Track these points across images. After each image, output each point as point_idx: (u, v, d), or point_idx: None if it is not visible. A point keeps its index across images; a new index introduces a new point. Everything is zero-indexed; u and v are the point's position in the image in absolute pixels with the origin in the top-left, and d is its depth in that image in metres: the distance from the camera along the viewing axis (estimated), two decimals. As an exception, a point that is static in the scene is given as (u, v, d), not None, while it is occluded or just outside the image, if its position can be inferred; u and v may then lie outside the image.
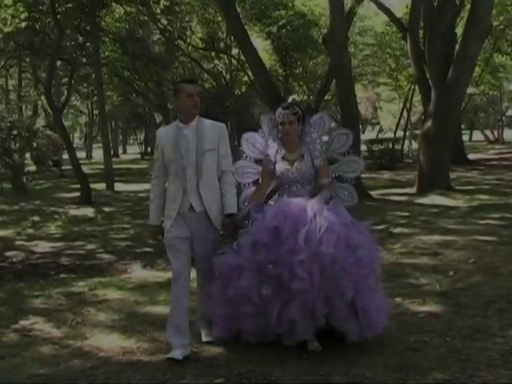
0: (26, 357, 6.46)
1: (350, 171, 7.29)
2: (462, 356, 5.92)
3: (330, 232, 6.05)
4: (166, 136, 6.57)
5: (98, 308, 8.33)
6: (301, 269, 5.91)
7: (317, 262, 5.95)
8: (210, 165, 6.48)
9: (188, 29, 34.37)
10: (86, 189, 23.05)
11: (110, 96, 44.76)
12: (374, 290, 6.40)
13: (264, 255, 6.15)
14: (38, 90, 36.55)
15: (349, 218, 6.52)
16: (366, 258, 6.22)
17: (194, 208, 6.43)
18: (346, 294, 5.99)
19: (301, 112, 6.88)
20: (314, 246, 5.98)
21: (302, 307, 6.00)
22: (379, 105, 64.57)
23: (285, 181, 6.86)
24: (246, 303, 6.22)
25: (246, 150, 7.44)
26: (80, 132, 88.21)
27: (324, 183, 6.88)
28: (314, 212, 6.23)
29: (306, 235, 6.03)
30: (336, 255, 5.96)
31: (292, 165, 6.80)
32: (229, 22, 23.87)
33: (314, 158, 6.84)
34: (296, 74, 40.08)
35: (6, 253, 13.23)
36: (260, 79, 22.28)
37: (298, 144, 6.92)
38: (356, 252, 6.15)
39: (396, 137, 41.09)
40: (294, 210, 6.33)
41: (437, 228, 13.70)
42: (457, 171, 26.70)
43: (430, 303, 7.83)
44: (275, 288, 6.07)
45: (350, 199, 7.26)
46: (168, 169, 6.54)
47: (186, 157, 6.39)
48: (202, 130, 6.48)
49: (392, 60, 40.19)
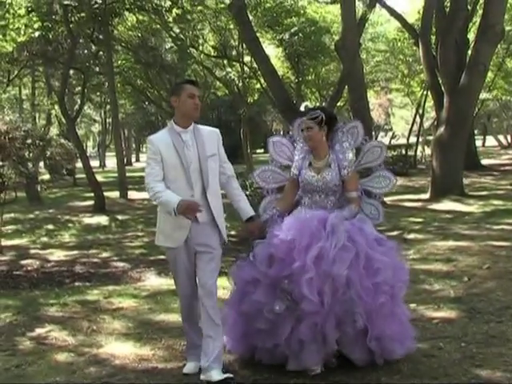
0: (42, 365, 6.48)
1: (379, 187, 6.74)
2: (477, 362, 5.91)
3: (345, 251, 5.68)
4: (164, 141, 6.03)
5: (113, 316, 8.35)
6: (308, 288, 5.56)
7: (328, 282, 5.61)
8: (214, 171, 6.12)
9: (200, 37, 34.37)
10: (99, 197, 23.16)
11: (122, 104, 44.87)
12: (391, 318, 5.92)
13: (278, 270, 5.78)
14: (51, 98, 36.64)
15: (374, 236, 6.03)
16: (385, 284, 5.77)
17: (197, 218, 5.90)
18: (357, 320, 5.64)
19: (323, 116, 6.31)
20: (326, 264, 5.61)
21: (311, 328, 5.69)
22: (392, 111, 64.43)
23: (308, 189, 6.39)
24: (260, 319, 5.89)
25: (272, 155, 6.93)
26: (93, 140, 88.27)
27: (352, 197, 6.36)
28: (332, 227, 5.83)
29: (319, 252, 5.66)
30: (351, 277, 5.62)
31: (318, 173, 6.34)
32: (241, 29, 23.93)
33: (342, 167, 6.33)
34: (308, 81, 40.07)
35: (21, 261, 13.31)
36: (272, 86, 22.27)
37: (327, 151, 6.43)
38: (375, 276, 5.74)
39: (409, 143, 40.99)
40: (311, 223, 5.90)
41: (451, 234, 13.68)
42: (470, 177, 26.65)
43: (445, 309, 7.82)
44: (289, 304, 5.73)
45: (376, 217, 6.67)
46: (168, 176, 5.98)
47: (188, 163, 5.95)
48: (200, 136, 6.10)
49: (404, 66, 40.08)
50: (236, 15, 21.76)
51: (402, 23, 28.71)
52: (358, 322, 5.65)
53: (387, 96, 54.46)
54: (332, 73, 40.30)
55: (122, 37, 31.12)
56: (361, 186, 6.64)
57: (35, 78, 39.23)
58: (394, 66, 41.02)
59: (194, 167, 5.96)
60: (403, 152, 35.91)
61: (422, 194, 21.62)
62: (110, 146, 62.63)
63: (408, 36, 31.54)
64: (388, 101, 57.38)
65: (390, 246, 6.07)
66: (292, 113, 6.98)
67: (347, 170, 6.34)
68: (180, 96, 6.05)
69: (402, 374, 5.66)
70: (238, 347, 6.29)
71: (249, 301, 5.96)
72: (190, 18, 29.75)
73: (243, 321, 6.12)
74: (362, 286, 5.64)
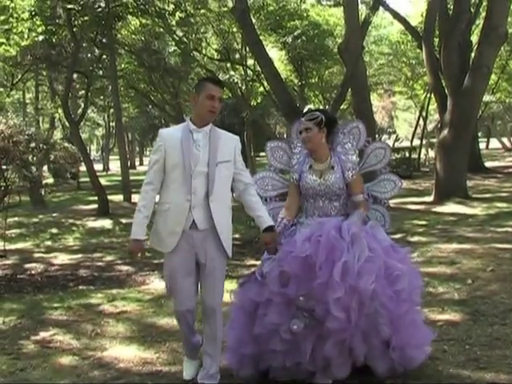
0: (46, 368, 6.49)
1: (384, 191, 6.42)
2: (481, 364, 5.91)
3: (370, 262, 5.34)
4: (172, 137, 5.69)
5: (117, 319, 8.37)
6: (337, 307, 5.19)
7: (355, 297, 5.24)
8: (223, 178, 5.67)
9: (203, 40, 34.38)
10: (103, 201, 23.19)
11: (126, 108, 44.92)
12: (413, 326, 5.68)
13: (295, 289, 5.38)
14: (54, 102, 36.74)
15: (388, 243, 5.72)
16: (405, 291, 5.50)
17: (196, 225, 5.59)
18: (382, 331, 5.42)
19: (323, 117, 5.99)
20: (351, 279, 5.23)
21: (338, 345, 5.39)
22: (395, 114, 64.44)
23: (310, 194, 6.05)
24: (275, 340, 5.52)
25: (270, 160, 6.58)
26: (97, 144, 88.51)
27: (359, 200, 6.03)
28: (351, 237, 5.45)
29: (343, 267, 5.26)
30: (375, 289, 5.29)
31: (320, 176, 6.01)
32: (244, 32, 23.92)
33: (346, 169, 6.00)
34: (311, 84, 40.07)
35: (25, 265, 13.33)
36: (276, 89, 22.25)
37: (328, 153, 6.09)
38: (395, 284, 5.45)
39: (412, 145, 41.00)
40: (328, 234, 5.44)
41: (454, 236, 13.67)
42: (474, 179, 26.66)
43: (449, 311, 7.81)
44: (308, 322, 5.36)
45: (382, 224, 6.31)
46: (168, 176, 5.66)
47: (193, 164, 5.55)
48: (216, 139, 5.69)
49: (408, 69, 40.11)
50: (239, 18, 21.76)
51: (405, 26, 28.68)
52: (384, 333, 5.44)
53: (390, 99, 54.47)
54: (335, 76, 40.29)
55: (125, 40, 31.14)
56: (365, 191, 6.32)
57: (39, 82, 39.32)
58: (398, 68, 41.04)
59: (200, 170, 5.56)
60: (407, 155, 35.92)
61: (425, 197, 21.60)
62: (113, 150, 62.66)
63: (411, 39, 31.62)
64: (391, 103, 57.38)
65: (404, 253, 5.82)
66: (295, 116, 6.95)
67: (351, 171, 6.02)
68: (199, 94, 5.68)
69: (405, 376, 5.64)
70: (246, 369, 5.82)
71: (261, 323, 5.58)
72: (193, 21, 29.80)
73: (252, 343, 5.74)
74: (384, 295, 5.38)
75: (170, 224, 5.61)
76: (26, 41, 22.57)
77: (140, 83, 36.11)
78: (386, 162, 6.43)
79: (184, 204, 5.54)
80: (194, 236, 5.59)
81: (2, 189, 11.86)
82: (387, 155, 6.44)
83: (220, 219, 5.61)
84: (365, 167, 6.41)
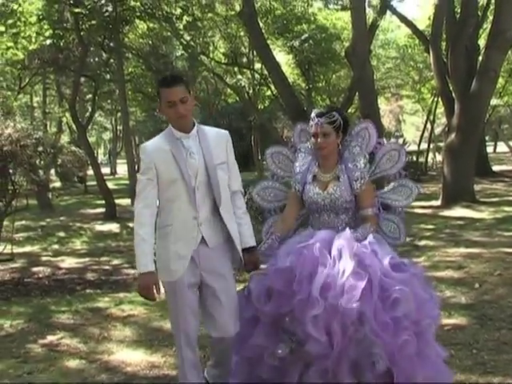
0: (53, 371, 6.52)
1: (399, 199, 5.70)
2: (488, 369, 5.91)
3: (356, 278, 4.64)
4: (161, 151, 4.97)
5: (124, 323, 8.38)
6: (314, 327, 4.58)
7: (337, 317, 4.58)
8: (224, 183, 5.05)
9: (211, 44, 34.42)
10: (110, 204, 23.21)
11: (133, 112, 44.94)
12: (421, 360, 4.82)
13: (276, 306, 4.83)
14: (62, 106, 36.79)
15: (391, 260, 4.92)
16: (407, 318, 4.68)
17: (206, 242, 4.94)
18: (377, 363, 4.60)
19: (341, 121, 5.36)
20: (332, 296, 4.60)
21: (321, 374, 4.70)
22: (402, 117, 64.39)
23: (313, 208, 5.46)
24: (262, 366, 4.94)
25: (271, 168, 5.97)
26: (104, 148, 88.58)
27: (367, 215, 5.42)
28: (339, 250, 4.84)
29: (324, 281, 4.66)
30: (364, 311, 4.59)
31: (324, 188, 5.39)
32: (251, 36, 23.94)
33: (353, 179, 5.34)
34: (319, 88, 40.02)
35: (32, 268, 13.34)
36: (283, 93, 22.27)
37: (336, 161, 5.48)
38: (394, 309, 4.66)
39: (420, 149, 41.00)
40: (313, 246, 4.87)
41: (462, 240, 13.64)
42: (481, 183, 26.59)
43: (456, 316, 7.80)
44: (294, 347, 4.76)
45: (396, 236, 5.69)
46: (163, 194, 4.98)
47: (193, 175, 4.91)
48: (206, 140, 5.02)
49: (415, 72, 40.05)
50: (246, 22, 21.79)
51: (412, 30, 28.65)
52: (378, 365, 4.60)
53: (398, 102, 54.42)
54: (342, 79, 40.28)
55: (132, 44, 31.17)
56: (378, 199, 5.69)
57: (46, 86, 39.30)
58: (405, 72, 40.95)
59: (201, 180, 4.93)
60: (414, 158, 35.94)
61: (433, 201, 21.56)
62: (120, 154, 62.80)
63: (418, 42, 31.52)
64: (399, 107, 57.32)
65: (412, 273, 4.95)
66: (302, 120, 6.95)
67: (360, 182, 5.36)
68: (160, 104, 4.98)
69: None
70: None
71: (247, 344, 5.04)
72: (201, 25, 29.82)
73: (246, 367, 5.19)
74: (377, 321, 4.63)
75: (175, 247, 4.93)
76: (33, 45, 22.56)
77: (147, 87, 36.11)
78: (400, 165, 5.71)
79: (191, 222, 4.93)
80: (201, 254, 4.95)
81: (10, 192, 11.86)
82: (402, 158, 5.72)
83: (233, 229, 5.04)
84: (377, 172, 5.75)
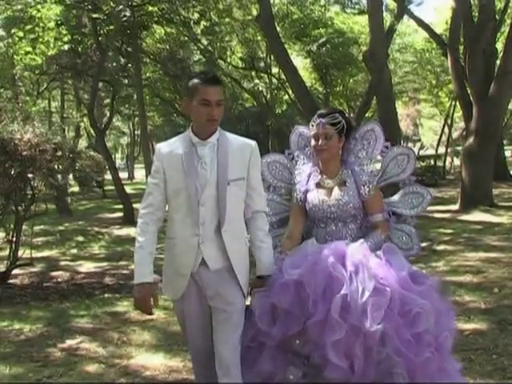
0: (73, 376, 6.53)
1: (410, 207, 5.28)
2: (508, 374, 5.89)
3: (378, 295, 4.18)
4: (172, 154, 4.50)
5: (143, 327, 8.38)
6: (336, 353, 4.12)
7: (359, 340, 4.15)
8: (237, 201, 4.52)
9: (228, 49, 34.54)
10: (128, 209, 23.24)
11: (151, 116, 45.08)
12: (440, 376, 4.40)
13: (284, 328, 4.32)
14: (80, 111, 36.98)
15: (407, 271, 4.47)
16: (429, 333, 4.29)
17: (207, 264, 4.45)
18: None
19: (344, 123, 4.92)
20: (354, 317, 4.13)
21: None
22: (420, 121, 64.32)
23: (319, 217, 4.97)
24: None
25: (268, 180, 5.43)
26: (122, 152, 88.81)
27: (377, 221, 4.99)
28: (356, 264, 4.35)
29: (343, 302, 4.16)
30: (386, 331, 4.15)
31: (330, 194, 4.92)
32: (269, 41, 23.98)
33: (361, 184, 4.91)
34: (336, 92, 40.10)
35: (51, 273, 13.37)
36: (300, 98, 22.29)
37: (339, 166, 5.02)
38: (415, 324, 4.24)
39: (437, 153, 40.89)
40: (325, 259, 4.36)
41: (481, 245, 13.60)
42: (499, 187, 26.47)
43: (475, 321, 7.77)
44: (307, 371, 4.31)
45: (409, 247, 5.24)
46: (171, 204, 4.57)
47: (200, 188, 4.39)
48: (225, 151, 4.46)
49: (432, 76, 40.00)
50: (264, 27, 21.82)
51: (429, 33, 28.58)
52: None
53: (415, 107, 54.43)
54: (360, 84, 40.31)
55: (150, 49, 31.30)
56: (387, 208, 5.25)
57: (64, 91, 39.55)
58: (422, 76, 40.93)
59: (209, 194, 4.40)
60: (432, 163, 35.85)
61: (451, 205, 21.48)
62: (138, 158, 62.95)
63: (436, 46, 31.51)
64: (416, 111, 57.31)
65: (429, 284, 4.52)
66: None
67: (368, 186, 4.93)
68: (192, 100, 4.43)
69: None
70: None
71: (253, 371, 4.46)
72: (218, 29, 29.94)
73: None
74: (399, 338, 4.20)
75: (176, 264, 4.58)
76: (51, 50, 22.69)
77: (165, 92, 36.29)
78: (410, 171, 5.30)
79: (191, 239, 4.45)
80: (203, 277, 4.49)
81: (29, 197, 11.91)
82: (411, 163, 5.31)
83: (236, 255, 4.50)
84: (384, 179, 5.30)
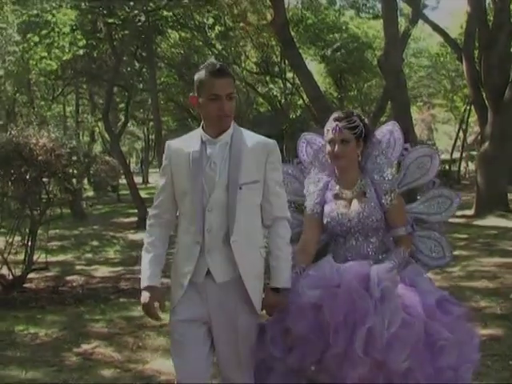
0: (88, 380, 6.53)
1: (437, 212, 4.83)
2: (525, 380, 5.85)
3: (406, 328, 3.73)
4: (180, 152, 4.06)
5: (159, 332, 8.37)
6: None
7: (381, 375, 3.75)
8: (250, 207, 3.98)
9: (243, 53, 34.59)
10: (143, 213, 23.23)
11: (165, 121, 45.19)
12: None
13: (300, 356, 3.88)
14: (95, 116, 37.11)
15: (433, 296, 4.03)
16: (451, 368, 3.88)
17: (212, 276, 3.95)
18: None
19: (362, 126, 4.45)
20: (378, 352, 3.69)
21: None
22: (435, 126, 64.16)
23: (338, 231, 4.47)
24: None
25: None
26: (136, 157, 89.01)
27: (400, 235, 4.50)
28: (382, 292, 3.84)
29: (368, 335, 3.70)
30: (412, 367, 3.75)
31: (349, 206, 4.44)
32: (283, 46, 23.95)
33: (383, 193, 4.43)
34: (351, 97, 40.09)
35: (66, 277, 13.38)
36: (315, 102, 22.26)
37: (358, 174, 4.53)
38: (438, 358, 3.83)
39: (452, 158, 40.82)
40: (348, 286, 3.84)
41: (496, 250, 13.56)
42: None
43: (492, 326, 7.74)
44: None
45: (440, 256, 4.87)
46: (179, 206, 4.11)
47: (207, 191, 3.92)
48: (238, 150, 3.94)
49: (447, 81, 39.96)
50: (278, 32, 21.81)
51: (444, 38, 28.51)
52: None
53: (430, 111, 54.25)
54: (374, 88, 40.28)
55: (165, 54, 31.41)
56: (410, 214, 4.76)
57: (79, 96, 39.69)
58: (437, 81, 40.89)
59: (217, 199, 3.91)
60: (447, 167, 35.81)
61: (466, 210, 21.38)
62: (152, 162, 63.10)
63: (451, 51, 31.42)
64: (431, 116, 57.12)
65: (457, 315, 4.07)
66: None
67: (390, 195, 4.45)
68: (200, 95, 3.97)
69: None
70: None
71: None
72: (233, 34, 29.97)
73: None
74: (421, 372, 3.80)
75: (177, 273, 4.21)
76: (66, 55, 22.78)
77: (179, 96, 36.33)
78: (433, 173, 4.83)
79: (192, 247, 4.01)
80: (209, 291, 4.00)
81: (44, 201, 11.92)
82: (434, 164, 4.83)
83: (247, 267, 3.95)
84: (405, 184, 4.83)
